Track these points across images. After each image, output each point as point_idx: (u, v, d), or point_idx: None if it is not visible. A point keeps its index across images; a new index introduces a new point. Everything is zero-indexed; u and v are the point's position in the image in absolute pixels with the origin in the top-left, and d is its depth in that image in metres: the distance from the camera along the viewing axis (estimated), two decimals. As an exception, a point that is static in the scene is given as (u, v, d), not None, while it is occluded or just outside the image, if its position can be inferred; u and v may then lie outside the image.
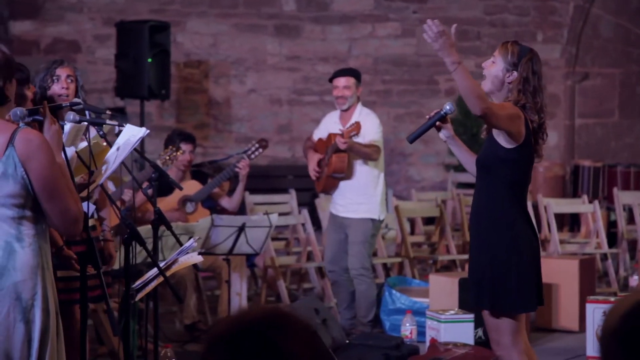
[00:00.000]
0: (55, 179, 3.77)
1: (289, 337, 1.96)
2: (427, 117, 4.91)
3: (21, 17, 11.44)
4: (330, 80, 7.91)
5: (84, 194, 4.58)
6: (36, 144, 3.75)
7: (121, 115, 9.62)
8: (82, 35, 11.54)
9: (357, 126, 7.59)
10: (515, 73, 4.79)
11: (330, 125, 7.89)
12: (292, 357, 1.94)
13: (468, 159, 5.03)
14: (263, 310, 2.00)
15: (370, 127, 7.68)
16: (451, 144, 4.98)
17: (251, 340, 1.96)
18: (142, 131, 4.80)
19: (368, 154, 7.65)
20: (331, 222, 7.87)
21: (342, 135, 7.57)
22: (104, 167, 4.86)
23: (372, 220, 7.69)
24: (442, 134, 4.94)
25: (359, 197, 7.69)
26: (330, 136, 7.77)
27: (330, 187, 7.83)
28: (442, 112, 4.85)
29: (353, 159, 7.70)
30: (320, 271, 8.75)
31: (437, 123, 4.87)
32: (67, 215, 3.77)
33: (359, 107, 7.80)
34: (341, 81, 7.75)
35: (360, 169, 7.72)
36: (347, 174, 7.73)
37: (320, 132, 7.98)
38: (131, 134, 4.81)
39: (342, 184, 7.74)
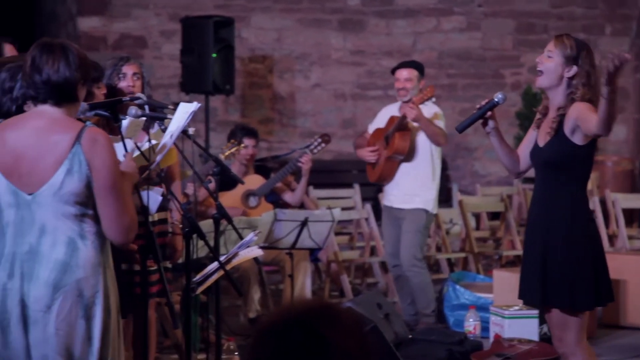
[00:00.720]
0: (115, 181, 3.80)
1: (337, 331, 1.95)
2: (478, 106, 4.85)
3: (89, 13, 11.59)
4: (393, 72, 7.84)
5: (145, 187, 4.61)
6: (102, 144, 3.79)
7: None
8: (148, 31, 11.65)
9: (430, 89, 7.47)
10: (575, 67, 4.72)
11: (388, 116, 7.81)
12: (340, 351, 1.93)
13: (507, 153, 4.98)
14: (312, 303, 1.99)
15: (433, 108, 7.59)
16: (493, 136, 4.92)
17: (299, 332, 1.95)
18: (194, 105, 4.81)
19: (436, 133, 7.46)
20: (386, 215, 7.80)
21: (412, 103, 7.42)
22: (160, 145, 4.87)
23: (426, 211, 7.60)
24: (489, 126, 4.88)
25: (415, 188, 7.58)
26: (392, 118, 7.66)
27: (387, 174, 7.66)
28: (494, 101, 4.79)
29: (415, 143, 7.58)
30: (383, 266, 8.72)
31: (488, 113, 4.82)
32: (119, 221, 3.79)
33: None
34: (403, 73, 7.66)
35: (420, 157, 7.59)
36: (407, 157, 7.59)
37: (375, 125, 7.90)
38: (184, 111, 4.83)
39: (398, 174, 7.61)
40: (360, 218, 9.17)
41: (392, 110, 7.83)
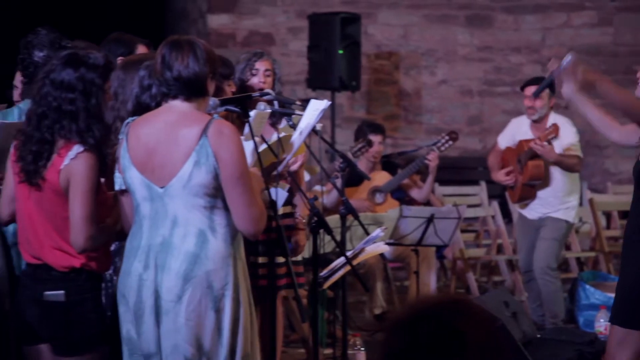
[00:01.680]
0: (242, 172, 3.84)
1: (470, 324, 1.93)
2: (550, 71, 4.72)
3: (219, 11, 11.75)
4: (522, 88, 7.68)
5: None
6: (228, 136, 3.84)
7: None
8: (276, 28, 11.75)
9: (555, 129, 7.31)
10: None
11: (518, 133, 7.65)
12: (475, 345, 1.91)
13: (603, 118, 4.81)
14: (444, 297, 1.98)
15: (566, 131, 7.41)
16: (578, 101, 4.75)
17: (431, 325, 1.94)
18: (324, 103, 4.82)
19: (569, 166, 7.33)
20: (520, 223, 7.69)
21: (538, 139, 7.30)
22: (290, 142, 4.90)
23: (566, 221, 7.48)
24: (565, 90, 4.72)
25: (556, 203, 7.47)
26: (522, 143, 7.52)
27: (527, 196, 7.54)
28: (563, 64, 4.65)
29: (549, 164, 7.44)
30: (510, 264, 8.60)
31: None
32: (249, 212, 3.83)
33: (552, 116, 7.54)
34: (532, 90, 7.43)
35: (558, 175, 7.46)
36: (544, 181, 7.46)
37: (505, 138, 7.76)
38: (314, 108, 4.85)
39: (540, 194, 7.48)
40: (486, 215, 9.07)
41: (523, 126, 7.66)
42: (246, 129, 4.65)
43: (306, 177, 7.36)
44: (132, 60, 4.53)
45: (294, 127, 5.05)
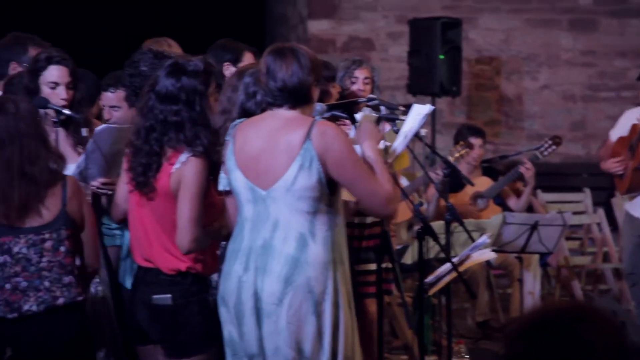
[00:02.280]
0: (354, 165, 3.84)
1: (593, 330, 1.88)
2: None
3: (319, 16, 11.79)
4: (638, 79, 7.51)
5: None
6: (331, 135, 3.84)
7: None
8: (376, 33, 11.74)
9: None
10: None
11: (631, 121, 7.49)
12: (596, 350, 1.86)
13: None
14: (564, 304, 1.93)
15: None
16: None
17: (553, 332, 1.90)
18: (427, 108, 4.79)
19: None
20: (627, 221, 7.51)
21: None
22: (393, 148, 4.88)
23: None
24: None
25: None
26: (635, 127, 7.34)
27: (636, 184, 7.32)
28: None
29: None
30: (617, 273, 8.43)
31: None
32: (375, 198, 3.83)
33: None
34: None
35: None
36: None
37: (618, 129, 7.61)
38: (417, 112, 4.82)
39: None
40: (591, 223, 8.91)
41: (635, 114, 7.51)
42: (351, 133, 4.64)
43: (404, 182, 7.32)
44: (247, 68, 4.58)
45: (397, 132, 5.03)
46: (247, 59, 5.81)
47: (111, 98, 5.42)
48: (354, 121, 4.45)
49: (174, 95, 4.11)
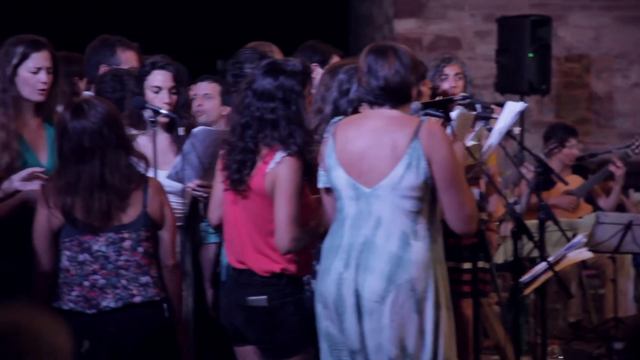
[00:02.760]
0: (455, 171, 3.84)
1: None
2: None
3: (406, 16, 11.77)
4: None
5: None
6: (439, 137, 3.85)
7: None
8: (462, 32, 11.67)
9: None
10: None
11: None
12: None
13: None
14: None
15: None
16: None
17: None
18: (521, 105, 4.76)
19: None
20: None
21: None
22: (487, 145, 4.86)
23: None
24: None
25: None
26: None
27: None
28: None
29: None
30: None
31: None
32: (462, 210, 3.82)
33: None
34: None
35: None
36: None
37: None
38: (510, 110, 4.80)
39: None
40: (686, 223, 8.72)
41: None
42: (446, 131, 4.63)
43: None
44: (339, 65, 4.58)
45: (490, 130, 5.01)
46: (336, 61, 5.82)
47: (205, 86, 5.59)
48: (449, 120, 4.44)
49: (271, 93, 4.14)
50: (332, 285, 3.91)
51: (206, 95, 5.63)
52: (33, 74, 4.51)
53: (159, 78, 4.85)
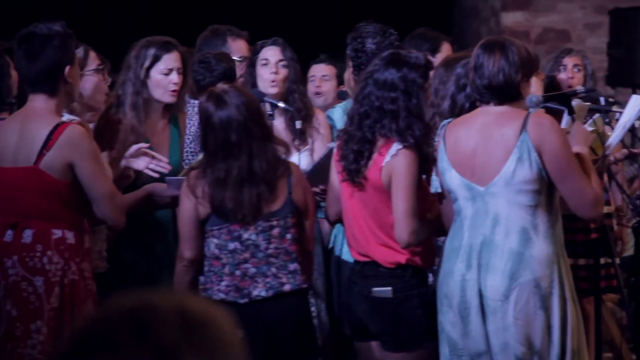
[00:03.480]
0: (568, 160, 3.77)
1: None
2: None
3: (513, 8, 11.63)
4: None
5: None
6: (547, 127, 3.78)
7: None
8: (572, 24, 11.49)
9: None
10: None
11: None
12: None
13: None
14: None
15: None
16: None
17: None
18: None
19: None
20: None
21: None
22: (610, 140, 4.77)
23: None
24: None
25: None
26: None
27: None
28: None
29: None
30: None
31: None
32: (583, 197, 3.75)
33: None
34: None
35: None
36: None
37: None
38: (635, 104, 4.68)
39: None
40: None
41: None
42: (563, 122, 4.55)
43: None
44: (454, 58, 4.54)
45: (609, 123, 4.91)
46: (445, 49, 5.79)
47: (322, 68, 5.77)
48: (571, 112, 4.37)
49: (393, 84, 4.12)
50: (456, 288, 3.88)
51: (324, 77, 5.79)
52: (165, 76, 4.57)
53: (269, 53, 4.92)
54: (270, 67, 4.85)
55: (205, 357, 1.33)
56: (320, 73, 5.80)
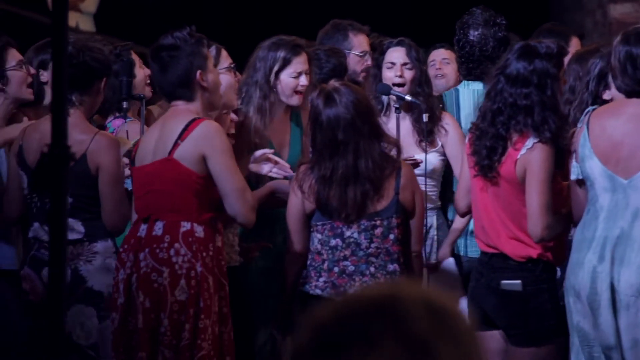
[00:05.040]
0: None
1: None
2: None
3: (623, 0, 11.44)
4: None
5: None
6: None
7: None
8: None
9: None
10: None
11: None
12: None
13: None
14: None
15: None
16: None
17: None
18: None
19: None
20: None
21: None
22: None
23: None
24: None
25: None
26: None
27: None
28: None
29: None
30: None
31: None
32: None
33: None
34: None
35: None
36: None
37: None
38: None
39: None
40: None
41: None
42: None
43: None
44: (587, 51, 4.48)
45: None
46: (574, 44, 5.67)
47: (442, 52, 5.94)
48: None
49: (525, 78, 4.06)
50: (585, 279, 3.81)
51: (444, 60, 5.92)
52: (294, 79, 4.56)
53: (394, 55, 4.87)
54: (396, 70, 4.81)
55: (455, 346, 1.32)
56: (440, 57, 5.97)
